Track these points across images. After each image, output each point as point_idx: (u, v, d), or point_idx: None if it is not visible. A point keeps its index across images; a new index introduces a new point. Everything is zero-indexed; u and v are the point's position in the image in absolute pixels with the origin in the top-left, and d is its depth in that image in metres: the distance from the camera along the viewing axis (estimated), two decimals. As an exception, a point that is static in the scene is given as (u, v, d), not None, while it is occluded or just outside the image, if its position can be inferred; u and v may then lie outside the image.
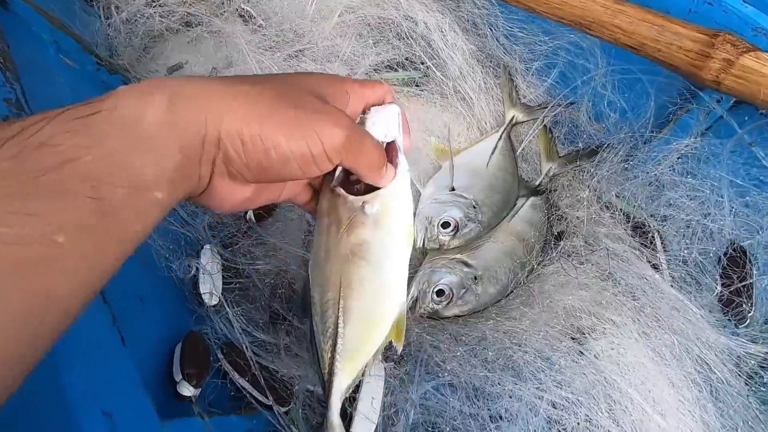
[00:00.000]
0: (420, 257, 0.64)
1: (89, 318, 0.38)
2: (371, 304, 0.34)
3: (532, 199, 0.68)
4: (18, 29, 0.67)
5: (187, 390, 0.42)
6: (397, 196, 0.35)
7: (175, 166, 0.27)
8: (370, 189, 0.35)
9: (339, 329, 0.34)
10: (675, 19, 0.53)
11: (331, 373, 0.33)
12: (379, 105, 0.36)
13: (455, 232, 0.62)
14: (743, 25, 0.57)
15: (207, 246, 0.63)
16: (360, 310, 0.34)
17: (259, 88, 0.30)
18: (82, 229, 0.23)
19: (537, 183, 0.71)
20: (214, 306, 0.56)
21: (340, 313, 0.34)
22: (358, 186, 0.36)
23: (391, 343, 0.35)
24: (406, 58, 0.75)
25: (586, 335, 0.49)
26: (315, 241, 0.36)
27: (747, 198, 0.58)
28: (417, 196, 0.70)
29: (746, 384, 0.48)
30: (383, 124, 0.35)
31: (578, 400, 0.42)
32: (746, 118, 0.58)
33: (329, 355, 0.34)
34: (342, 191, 0.35)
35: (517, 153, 0.73)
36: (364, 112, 0.36)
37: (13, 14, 0.71)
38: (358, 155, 0.32)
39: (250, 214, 0.68)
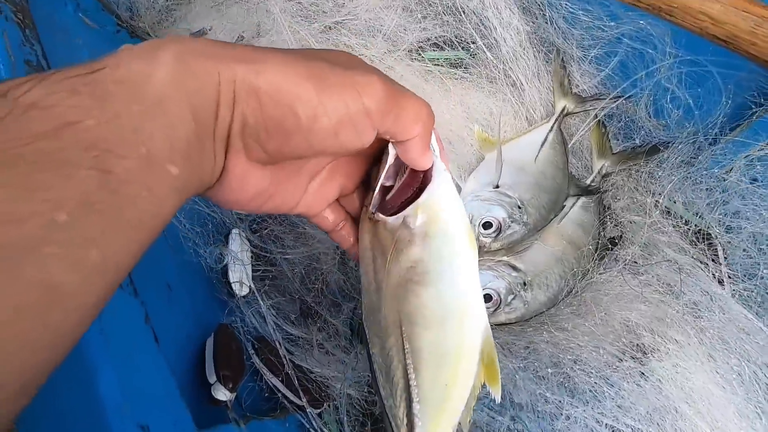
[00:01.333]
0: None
1: (122, 315, 0.34)
2: (444, 339, 0.27)
3: (582, 199, 0.63)
4: (36, -17, 0.62)
5: (222, 394, 0.39)
6: (441, 199, 0.29)
7: (188, 135, 0.23)
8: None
9: (410, 383, 0.27)
10: (775, 8, 0.47)
11: None
12: None
13: (497, 234, 0.57)
14: None
15: (235, 231, 0.59)
16: (431, 349, 0.27)
17: (277, 48, 0.26)
18: (87, 207, 0.19)
19: (588, 181, 0.66)
20: (244, 296, 0.53)
21: (408, 360, 0.26)
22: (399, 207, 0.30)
23: (484, 386, 0.27)
24: (456, 37, 0.68)
25: (648, 355, 0.45)
26: (363, 286, 0.30)
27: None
28: (458, 192, 0.65)
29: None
30: None
31: (648, 430, 0.39)
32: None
33: (405, 421, 0.26)
34: (381, 216, 0.30)
35: (568, 147, 0.68)
36: None
37: (31, -35, 0.65)
38: (401, 110, 0.27)
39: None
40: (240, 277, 0.54)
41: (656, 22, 0.60)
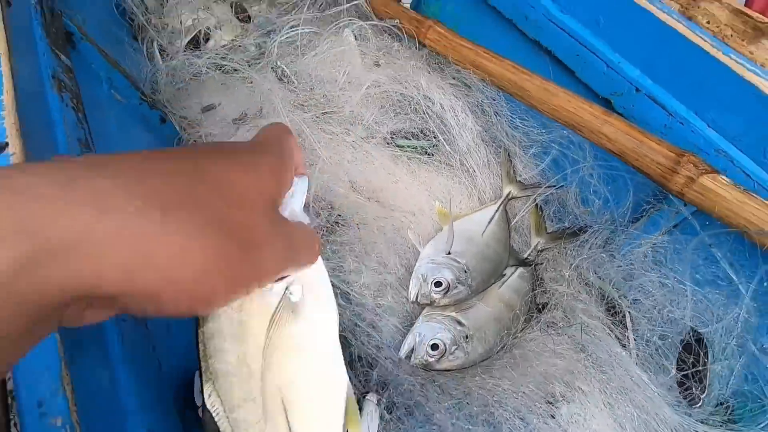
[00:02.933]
0: (417, 310, 0.70)
1: (139, 344, 0.44)
2: (325, 397, 0.31)
3: (520, 269, 0.76)
4: (82, 68, 0.76)
5: (207, 416, 0.47)
6: (317, 268, 0.31)
7: (18, 331, 0.18)
8: None
9: None
10: (651, 135, 0.64)
11: None
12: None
13: (446, 292, 0.69)
14: (708, 145, 0.68)
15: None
16: (311, 408, 0.30)
17: (189, 209, 0.20)
18: None
19: (526, 255, 0.79)
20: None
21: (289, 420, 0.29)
22: None
23: None
24: (421, 131, 0.84)
25: (560, 400, 0.56)
26: (217, 362, 0.29)
27: (707, 290, 0.67)
28: (416, 255, 0.77)
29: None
30: (300, 194, 0.32)
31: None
32: (707, 222, 0.68)
33: None
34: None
35: (511, 224, 0.82)
36: None
37: (78, 53, 0.79)
38: (295, 264, 0.28)
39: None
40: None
41: (575, 133, 0.77)
